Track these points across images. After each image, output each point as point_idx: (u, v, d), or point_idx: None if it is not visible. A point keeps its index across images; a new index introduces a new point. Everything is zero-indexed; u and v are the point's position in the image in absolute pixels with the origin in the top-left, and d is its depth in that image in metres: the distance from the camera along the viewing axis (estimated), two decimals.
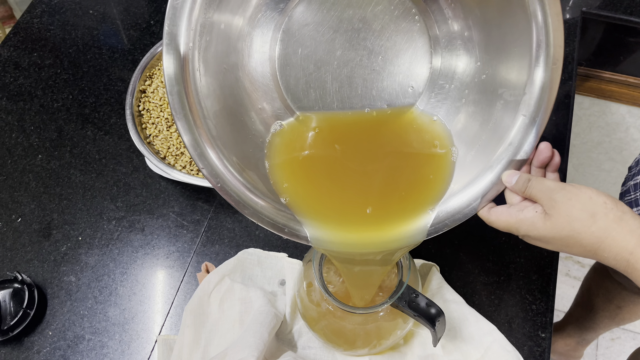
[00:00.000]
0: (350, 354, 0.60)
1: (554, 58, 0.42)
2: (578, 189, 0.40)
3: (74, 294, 0.66)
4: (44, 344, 0.63)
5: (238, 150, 0.47)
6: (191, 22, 0.43)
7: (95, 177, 0.74)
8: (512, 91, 0.45)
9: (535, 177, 0.43)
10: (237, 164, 0.45)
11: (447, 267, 0.67)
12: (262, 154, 0.49)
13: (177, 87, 0.43)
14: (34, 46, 0.87)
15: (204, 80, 0.44)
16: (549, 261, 0.67)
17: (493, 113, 0.47)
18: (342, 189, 0.49)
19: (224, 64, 0.48)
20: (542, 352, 0.61)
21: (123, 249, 0.69)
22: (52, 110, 0.81)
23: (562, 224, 0.40)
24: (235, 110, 0.48)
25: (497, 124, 0.46)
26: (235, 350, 0.54)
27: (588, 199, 0.39)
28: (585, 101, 1.11)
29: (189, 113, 0.43)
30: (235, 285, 0.63)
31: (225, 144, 0.45)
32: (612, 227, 0.38)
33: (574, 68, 0.83)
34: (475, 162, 0.48)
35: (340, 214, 0.49)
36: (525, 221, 0.42)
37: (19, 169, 0.75)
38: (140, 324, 0.64)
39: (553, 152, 0.45)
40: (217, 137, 0.45)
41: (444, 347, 0.60)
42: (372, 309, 0.51)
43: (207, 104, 0.45)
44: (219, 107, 0.46)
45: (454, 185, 0.48)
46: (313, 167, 0.50)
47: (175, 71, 0.43)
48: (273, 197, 0.47)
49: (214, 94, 0.46)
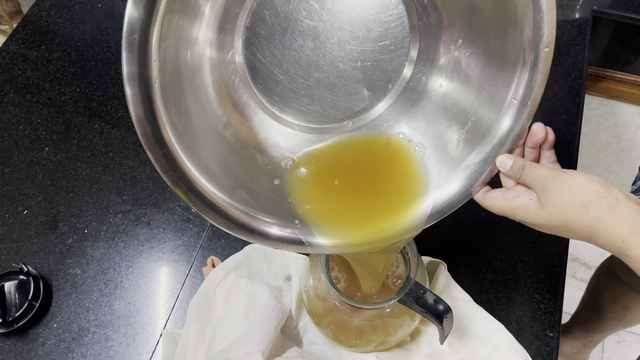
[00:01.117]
0: (356, 350, 0.59)
1: (547, 40, 0.41)
2: (571, 177, 0.40)
3: (80, 286, 0.66)
4: (49, 336, 0.63)
5: (227, 172, 0.46)
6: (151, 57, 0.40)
7: (101, 170, 0.74)
8: (501, 73, 0.44)
9: (529, 164, 0.43)
10: (226, 186, 0.44)
11: (455, 264, 0.66)
12: (249, 172, 0.48)
13: (150, 127, 0.40)
14: (42, 39, 0.87)
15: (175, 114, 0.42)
16: (557, 260, 0.66)
17: (481, 95, 0.46)
18: (347, 200, 0.50)
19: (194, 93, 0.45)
20: (550, 352, 0.60)
21: (129, 242, 0.69)
22: (59, 103, 0.80)
23: (555, 213, 0.40)
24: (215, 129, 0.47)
25: (488, 105, 0.46)
26: (241, 345, 0.54)
27: (580, 188, 0.40)
28: (595, 101, 1.10)
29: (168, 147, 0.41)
30: (241, 280, 0.63)
31: (210, 171, 0.44)
32: (605, 216, 0.39)
33: (584, 67, 0.83)
34: (467, 146, 0.47)
35: (350, 219, 0.49)
36: (520, 208, 0.42)
37: (26, 162, 0.75)
38: (145, 318, 0.64)
39: (547, 131, 0.44)
40: (204, 167, 0.43)
41: (451, 345, 0.60)
42: (379, 304, 0.51)
43: (185, 128, 0.42)
44: (198, 128, 0.45)
45: (447, 170, 0.48)
46: (324, 188, 0.51)
47: (144, 110, 0.40)
48: (270, 213, 0.46)
49: (192, 121, 0.44)
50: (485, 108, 0.46)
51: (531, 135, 0.44)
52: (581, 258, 1.44)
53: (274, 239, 0.46)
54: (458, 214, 0.68)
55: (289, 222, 0.46)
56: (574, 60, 0.83)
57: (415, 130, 0.51)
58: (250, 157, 0.49)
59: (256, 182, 0.48)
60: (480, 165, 0.46)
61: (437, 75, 0.49)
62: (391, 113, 0.51)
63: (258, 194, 0.47)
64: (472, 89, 0.47)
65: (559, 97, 0.79)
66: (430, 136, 0.50)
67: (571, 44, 0.84)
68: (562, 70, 0.82)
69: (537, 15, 0.39)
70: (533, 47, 0.41)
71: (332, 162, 0.51)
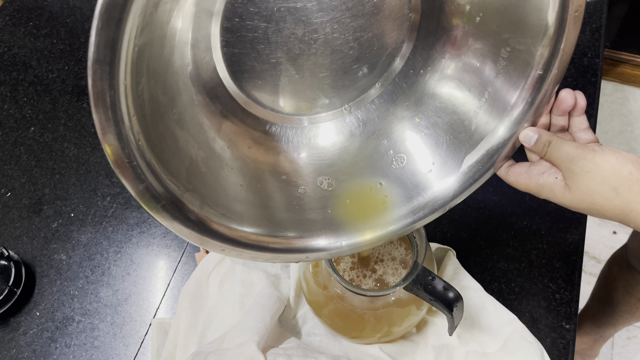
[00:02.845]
0: (358, 342, 0.55)
1: (576, 5, 0.36)
2: (601, 156, 0.36)
3: (64, 272, 0.62)
4: (31, 324, 0.59)
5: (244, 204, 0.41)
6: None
7: (90, 151, 0.70)
8: (521, 40, 0.40)
9: (555, 140, 0.39)
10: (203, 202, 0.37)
11: (464, 252, 0.62)
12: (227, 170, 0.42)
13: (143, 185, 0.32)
14: (30, 15, 0.83)
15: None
16: (574, 248, 0.62)
17: (498, 61, 0.42)
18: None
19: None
20: (566, 344, 0.56)
21: (118, 226, 0.65)
22: (46, 82, 0.76)
23: (582, 196, 0.37)
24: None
25: (507, 75, 0.41)
26: (235, 335, 0.50)
27: (611, 169, 0.36)
28: (608, 87, 1.06)
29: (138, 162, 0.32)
30: (237, 267, 0.59)
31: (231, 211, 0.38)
32: (637, 200, 0.35)
33: (600, 46, 0.78)
34: (488, 116, 0.43)
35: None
36: (545, 186, 0.39)
37: (10, 142, 0.71)
38: (134, 306, 0.60)
39: (576, 97, 0.40)
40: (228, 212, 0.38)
41: (460, 337, 0.56)
42: (384, 291, 0.47)
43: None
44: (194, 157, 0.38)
45: (467, 148, 0.44)
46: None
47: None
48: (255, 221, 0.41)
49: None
50: (503, 78, 0.42)
51: (558, 103, 0.40)
52: (591, 252, 1.40)
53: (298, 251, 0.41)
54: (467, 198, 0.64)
55: (311, 231, 0.42)
56: (590, 39, 0.78)
57: (427, 109, 0.46)
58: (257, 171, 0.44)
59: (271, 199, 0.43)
60: (502, 140, 0.42)
61: (444, 46, 0.45)
62: (395, 93, 0.47)
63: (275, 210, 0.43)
64: (488, 58, 0.43)
65: (575, 77, 0.75)
66: (443, 113, 0.46)
67: (587, 22, 0.80)
68: (577, 50, 0.78)
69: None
70: (560, 10, 0.37)
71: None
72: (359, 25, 0.41)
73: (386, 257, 0.53)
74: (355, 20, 0.41)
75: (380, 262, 0.52)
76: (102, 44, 0.26)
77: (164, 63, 0.36)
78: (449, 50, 0.44)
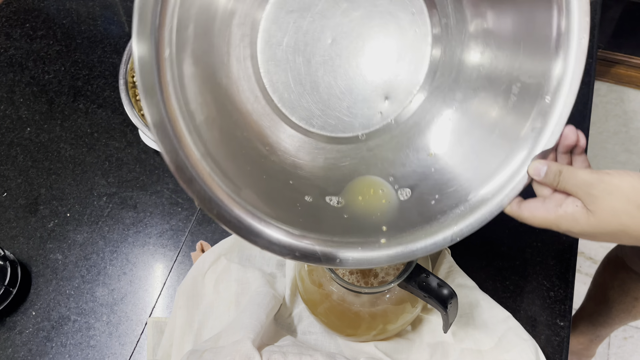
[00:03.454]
0: (353, 339, 0.55)
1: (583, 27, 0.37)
2: (618, 178, 0.36)
3: (60, 272, 0.62)
4: (27, 324, 0.59)
5: (234, 165, 0.40)
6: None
7: (86, 151, 0.70)
8: (531, 70, 0.41)
9: (566, 168, 0.38)
10: (232, 182, 0.38)
11: (459, 250, 0.62)
12: (257, 168, 0.43)
13: (155, 97, 0.34)
14: (26, 17, 0.84)
15: (188, 83, 0.37)
16: (567, 246, 0.62)
17: (510, 97, 0.42)
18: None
19: (207, 66, 0.40)
20: (560, 342, 0.57)
21: (114, 226, 0.65)
22: (43, 82, 0.77)
23: (607, 218, 0.36)
24: (227, 117, 0.42)
25: (516, 108, 0.42)
26: (230, 332, 0.50)
27: (631, 189, 0.35)
28: (603, 87, 1.06)
29: (168, 125, 0.34)
30: (232, 266, 0.59)
31: (217, 160, 0.38)
32: None
33: (594, 46, 0.79)
34: (496, 152, 0.43)
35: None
36: (565, 217, 0.37)
37: (7, 142, 0.71)
38: (130, 305, 0.60)
39: (578, 134, 0.40)
40: (207, 153, 0.37)
41: (455, 335, 0.56)
42: (379, 288, 0.47)
43: (195, 110, 0.37)
44: (208, 117, 0.39)
45: (476, 180, 0.44)
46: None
47: (150, 64, 0.33)
48: (276, 217, 0.40)
49: (201, 99, 0.39)
50: (514, 114, 0.42)
51: (563, 139, 0.40)
52: (586, 252, 1.40)
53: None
54: None
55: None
56: None
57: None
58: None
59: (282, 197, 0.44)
60: (511, 176, 0.41)
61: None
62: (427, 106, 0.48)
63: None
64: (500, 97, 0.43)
65: None
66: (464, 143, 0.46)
67: None
68: None
69: None
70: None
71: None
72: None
73: None
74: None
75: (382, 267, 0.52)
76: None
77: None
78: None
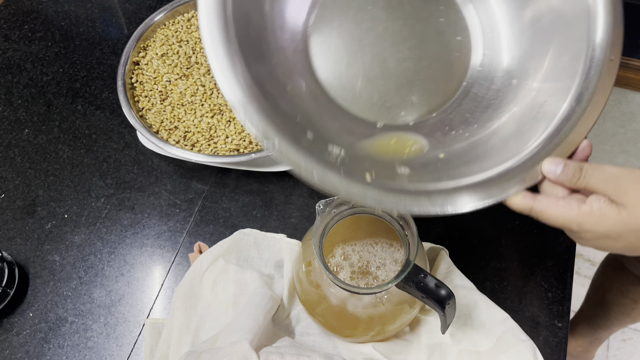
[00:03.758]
0: (351, 340, 0.55)
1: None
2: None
3: (58, 273, 0.62)
4: (24, 325, 0.59)
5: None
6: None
7: (84, 152, 0.70)
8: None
9: (588, 164, 0.36)
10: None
11: (457, 251, 0.62)
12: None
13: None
14: (25, 19, 0.84)
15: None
16: (565, 247, 0.62)
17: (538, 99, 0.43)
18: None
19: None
20: (558, 342, 0.57)
21: (111, 227, 0.65)
22: (41, 84, 0.77)
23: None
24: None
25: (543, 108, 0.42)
26: (228, 333, 0.50)
27: None
28: None
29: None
30: (230, 267, 0.59)
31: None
32: None
33: None
34: (513, 146, 0.42)
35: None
36: (591, 214, 0.35)
37: (4, 144, 0.71)
38: (128, 307, 0.60)
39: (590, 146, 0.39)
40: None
41: (453, 336, 0.56)
42: (376, 289, 0.47)
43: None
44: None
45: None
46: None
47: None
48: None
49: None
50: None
51: (580, 152, 0.38)
52: (585, 254, 1.40)
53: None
54: None
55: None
56: None
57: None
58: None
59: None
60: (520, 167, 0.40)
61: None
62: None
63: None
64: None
65: None
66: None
67: None
68: None
69: None
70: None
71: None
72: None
73: (388, 260, 0.52)
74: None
75: (382, 267, 0.52)
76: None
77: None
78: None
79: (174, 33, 0.74)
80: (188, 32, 0.73)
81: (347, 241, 0.53)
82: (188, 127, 0.66)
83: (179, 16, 0.76)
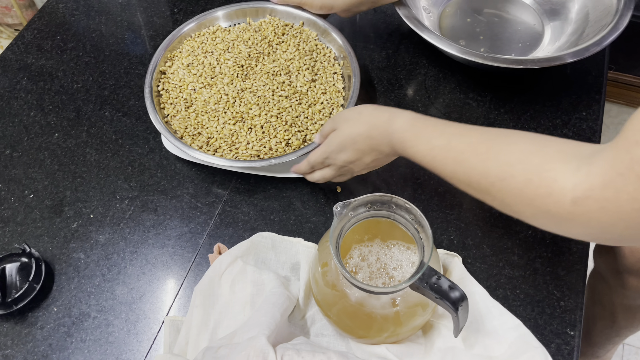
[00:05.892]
0: (365, 342, 0.57)
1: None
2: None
3: (82, 271, 0.64)
4: (48, 319, 0.61)
5: None
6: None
7: (110, 156, 0.73)
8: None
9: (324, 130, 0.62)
10: None
11: (470, 258, 0.63)
12: None
13: None
14: (57, 30, 0.88)
15: None
16: (578, 257, 0.63)
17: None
18: None
19: None
20: (570, 351, 0.57)
21: (134, 228, 0.67)
22: (71, 91, 0.80)
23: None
24: None
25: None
26: (245, 330, 0.52)
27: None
28: (614, 109, 1.08)
29: None
30: (248, 268, 0.60)
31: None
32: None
33: (604, 64, 0.81)
34: None
35: None
36: (330, 138, 0.60)
37: (35, 147, 0.74)
38: (148, 304, 0.62)
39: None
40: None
41: (465, 340, 0.57)
42: (390, 288, 0.48)
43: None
44: None
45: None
46: None
47: None
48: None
49: None
50: None
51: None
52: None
53: None
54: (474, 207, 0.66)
55: None
56: (593, 58, 0.81)
57: None
58: None
59: None
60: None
61: None
62: None
63: None
64: None
65: (579, 94, 0.77)
66: None
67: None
68: (581, 69, 0.80)
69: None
70: None
71: None
72: None
73: (405, 262, 0.54)
74: None
75: (399, 268, 0.53)
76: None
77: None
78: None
79: (199, 44, 0.77)
80: (213, 44, 0.77)
81: (364, 243, 0.54)
82: (211, 133, 0.68)
83: (205, 29, 0.79)
